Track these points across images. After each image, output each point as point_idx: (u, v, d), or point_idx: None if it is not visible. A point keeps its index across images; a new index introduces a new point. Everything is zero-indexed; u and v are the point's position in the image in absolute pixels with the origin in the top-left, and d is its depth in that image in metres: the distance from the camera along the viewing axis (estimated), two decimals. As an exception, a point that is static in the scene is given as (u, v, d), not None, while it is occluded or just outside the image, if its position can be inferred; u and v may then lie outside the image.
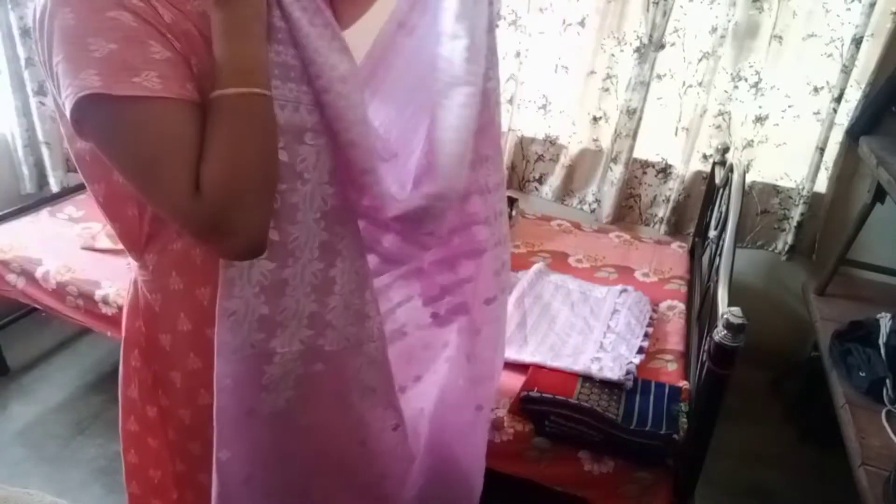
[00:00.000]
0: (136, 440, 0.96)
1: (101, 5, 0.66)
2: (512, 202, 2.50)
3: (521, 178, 2.82)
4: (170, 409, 0.91)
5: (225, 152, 0.69)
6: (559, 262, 2.32)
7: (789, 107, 2.39)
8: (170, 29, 0.71)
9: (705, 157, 2.54)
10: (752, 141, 2.47)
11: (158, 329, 0.87)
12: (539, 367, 1.64)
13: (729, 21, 2.30)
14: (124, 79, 0.65)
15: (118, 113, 0.66)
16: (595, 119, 2.62)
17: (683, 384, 1.62)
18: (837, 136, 2.33)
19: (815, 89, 2.33)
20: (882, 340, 1.87)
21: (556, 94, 2.65)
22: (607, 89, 2.56)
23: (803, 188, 2.41)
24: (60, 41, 0.66)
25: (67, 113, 0.67)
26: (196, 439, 0.92)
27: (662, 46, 2.41)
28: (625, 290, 2.06)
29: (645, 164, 2.64)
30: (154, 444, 0.95)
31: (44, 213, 2.30)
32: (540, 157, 2.76)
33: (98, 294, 1.88)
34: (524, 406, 1.52)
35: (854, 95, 2.27)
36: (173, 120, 0.68)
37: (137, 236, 0.84)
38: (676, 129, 2.53)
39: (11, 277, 2.00)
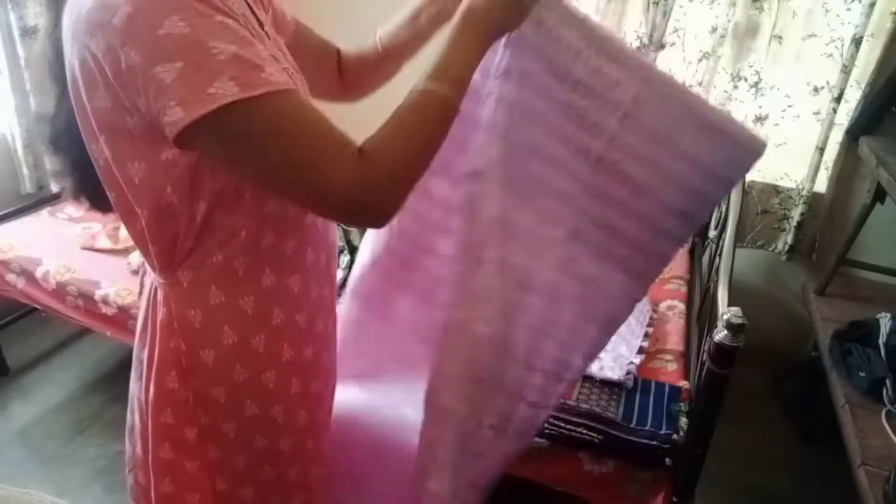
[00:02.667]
0: (172, 467, 0.91)
1: (206, 10, 0.66)
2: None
3: (521, 178, 2.81)
4: (211, 426, 0.88)
5: (410, 135, 0.74)
6: (559, 262, 2.31)
7: (789, 107, 2.39)
8: (246, 22, 0.72)
9: (705, 157, 2.54)
10: (752, 141, 2.47)
11: (200, 345, 0.84)
12: (539, 367, 1.64)
13: (729, 21, 2.30)
14: (255, 77, 0.65)
15: (258, 112, 0.66)
16: (595, 119, 2.61)
17: (683, 384, 1.62)
18: (837, 136, 2.33)
19: (815, 89, 2.33)
20: (882, 340, 1.87)
21: (556, 94, 2.65)
22: (607, 89, 2.56)
23: (803, 188, 2.40)
24: (174, 48, 0.64)
25: (180, 121, 0.65)
26: (240, 452, 0.91)
27: (662, 46, 2.41)
28: (625, 290, 2.06)
29: (645, 164, 2.63)
30: (192, 469, 0.91)
31: (44, 213, 2.30)
32: (540, 157, 2.76)
33: (98, 294, 1.88)
34: (523, 408, 1.52)
35: (854, 95, 2.27)
36: (303, 104, 0.70)
37: (176, 254, 0.81)
38: (676, 129, 2.53)
39: (11, 277, 2.00)
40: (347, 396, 1.10)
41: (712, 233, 2.09)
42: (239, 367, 0.85)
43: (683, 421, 1.48)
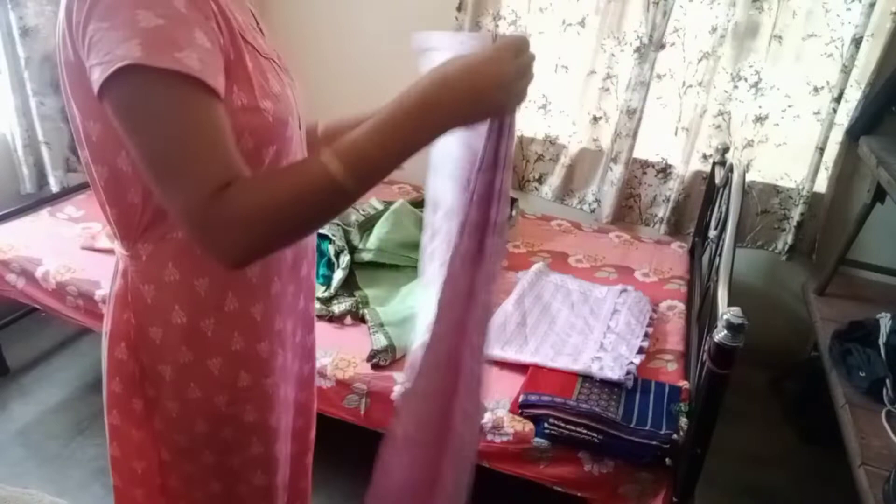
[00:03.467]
0: (119, 433, 0.94)
1: None
2: (512, 202, 2.50)
3: (521, 177, 2.82)
4: (156, 399, 0.89)
5: (285, 197, 0.67)
6: (559, 262, 2.32)
7: (789, 107, 2.39)
8: (219, 15, 0.71)
9: (705, 157, 2.54)
10: (752, 141, 2.47)
11: (149, 321, 0.84)
12: (539, 368, 1.64)
13: (729, 21, 2.30)
14: (167, 52, 0.63)
15: (155, 86, 0.64)
16: (595, 119, 2.62)
17: (683, 384, 1.62)
18: (837, 136, 2.33)
19: (815, 89, 2.33)
20: (882, 340, 1.87)
21: (556, 94, 2.65)
22: (607, 89, 2.56)
23: (803, 188, 2.41)
24: (107, 9, 0.64)
25: (97, 81, 0.65)
26: (183, 432, 0.91)
27: (662, 46, 2.41)
28: (625, 290, 2.06)
29: (645, 164, 2.64)
30: (137, 436, 0.93)
31: (44, 213, 2.30)
32: (540, 157, 2.76)
33: (98, 294, 1.88)
34: (522, 411, 1.52)
35: (854, 95, 2.27)
36: (209, 107, 0.67)
37: (135, 224, 0.81)
38: (676, 129, 2.53)
39: (11, 277, 2.00)
40: None
41: (712, 233, 2.09)
42: (185, 349, 0.85)
43: (683, 421, 1.49)
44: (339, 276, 1.92)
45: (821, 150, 2.32)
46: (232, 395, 0.89)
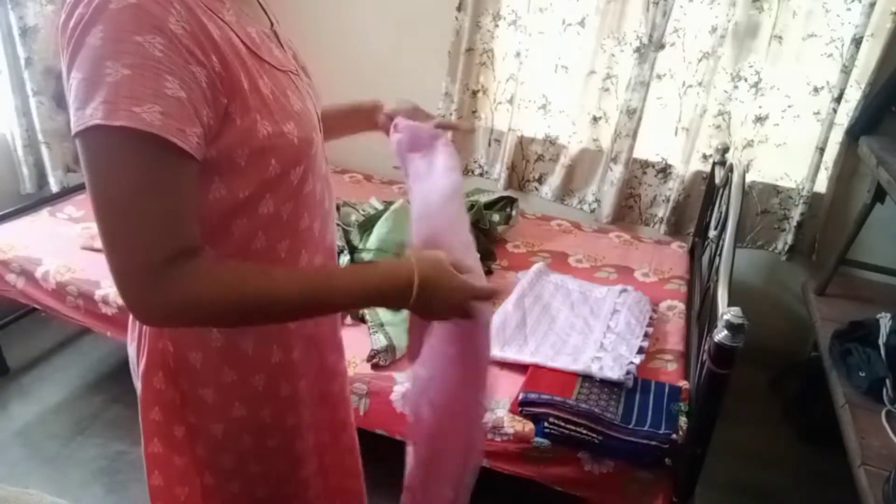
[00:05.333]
0: (160, 461, 0.93)
1: (132, 28, 0.63)
2: (512, 202, 2.50)
3: (520, 177, 2.82)
4: (199, 425, 0.89)
5: (236, 295, 0.71)
6: (559, 261, 2.32)
7: (789, 107, 2.39)
8: (215, 47, 0.69)
9: (705, 157, 2.54)
10: (752, 141, 2.47)
11: (188, 347, 0.84)
12: (539, 367, 1.64)
13: (729, 21, 2.30)
14: (125, 107, 0.62)
15: (111, 142, 0.64)
16: (595, 119, 2.62)
17: (683, 384, 1.62)
18: (837, 136, 2.33)
19: (815, 89, 2.33)
20: (882, 340, 1.87)
21: (556, 94, 2.65)
22: (607, 89, 2.56)
23: (803, 188, 2.41)
24: (83, 59, 0.64)
25: (73, 131, 0.66)
26: (228, 452, 0.91)
27: (662, 46, 2.41)
28: (625, 290, 2.06)
29: (645, 164, 2.64)
30: (180, 462, 0.92)
31: (44, 213, 2.30)
32: (540, 157, 2.76)
33: (98, 294, 1.88)
34: (522, 409, 1.52)
35: (854, 95, 2.27)
36: (169, 168, 0.66)
37: None
38: (676, 129, 2.53)
39: (11, 277, 2.00)
40: None
41: (712, 233, 2.09)
42: (227, 369, 0.86)
43: (683, 421, 1.49)
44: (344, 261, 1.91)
45: (821, 150, 2.32)
46: (276, 406, 0.91)
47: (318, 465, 1.03)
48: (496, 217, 2.41)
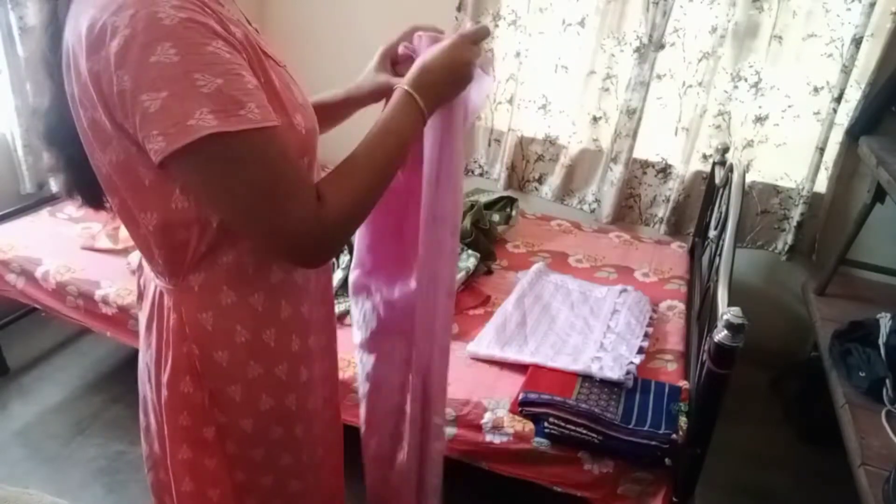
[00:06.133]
0: (191, 466, 0.93)
1: (200, 39, 0.66)
2: (512, 202, 2.50)
3: (520, 177, 2.82)
4: (229, 423, 0.90)
5: (368, 174, 0.80)
6: (559, 261, 2.32)
7: (789, 107, 2.39)
8: (245, 41, 0.73)
9: (705, 157, 2.54)
10: (752, 141, 2.47)
11: (213, 347, 0.85)
12: (539, 367, 1.64)
13: (729, 21, 2.30)
14: (234, 113, 0.67)
15: (232, 147, 0.68)
16: (595, 119, 2.62)
17: (683, 384, 1.62)
18: (837, 136, 2.33)
19: (815, 89, 2.33)
20: (882, 340, 1.87)
21: (556, 94, 2.65)
22: (607, 89, 2.56)
23: (803, 188, 2.41)
24: (161, 77, 0.65)
25: (161, 151, 0.66)
26: (259, 446, 0.93)
27: (662, 46, 2.41)
28: (625, 290, 2.06)
29: (645, 164, 2.64)
30: (211, 465, 0.93)
31: (44, 213, 2.30)
32: (540, 157, 2.76)
33: (98, 294, 1.88)
34: (522, 409, 1.52)
35: (854, 95, 2.27)
36: (281, 144, 0.72)
37: (187, 259, 0.82)
38: (676, 129, 2.53)
39: (11, 277, 2.00)
40: None
41: (712, 233, 2.09)
42: (253, 364, 0.87)
43: (683, 421, 1.49)
44: (338, 276, 1.91)
45: (821, 150, 2.32)
46: (298, 393, 0.94)
47: (324, 449, 1.07)
48: (496, 217, 2.41)
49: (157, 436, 0.96)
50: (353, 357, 1.65)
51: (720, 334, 1.23)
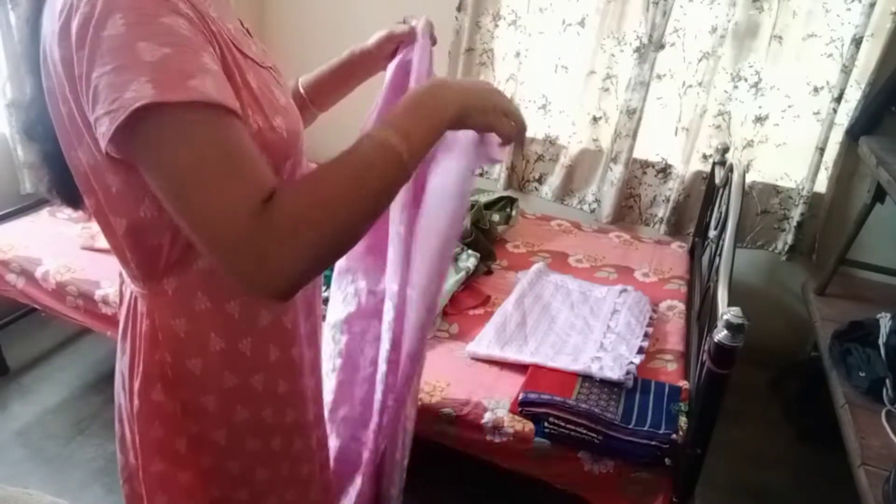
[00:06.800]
0: (164, 480, 0.88)
1: (154, 11, 0.61)
2: (512, 202, 2.50)
3: (520, 178, 2.82)
4: (201, 434, 0.86)
5: (330, 190, 0.64)
6: (559, 262, 2.32)
7: (789, 107, 2.39)
8: (214, 36, 0.68)
9: (705, 157, 2.54)
10: (752, 141, 2.47)
11: (186, 355, 0.82)
12: (539, 367, 1.64)
13: (729, 21, 2.30)
14: (179, 83, 0.59)
15: (173, 120, 0.60)
16: (595, 119, 2.62)
17: (683, 384, 1.62)
18: (837, 136, 2.34)
19: (815, 89, 2.33)
20: (882, 340, 1.87)
21: (555, 94, 2.65)
22: (607, 89, 2.56)
23: (803, 188, 2.41)
24: (108, 50, 0.59)
25: (107, 132, 0.60)
26: (234, 458, 0.90)
27: (662, 46, 2.41)
28: (625, 290, 2.06)
29: (645, 164, 2.64)
30: (185, 479, 0.89)
31: (44, 213, 2.30)
32: (540, 157, 2.76)
33: (98, 294, 1.88)
34: (522, 409, 1.52)
35: (854, 95, 2.27)
36: (233, 129, 0.64)
37: (161, 264, 0.78)
38: (676, 129, 2.53)
39: (11, 277, 2.00)
40: None
41: (712, 233, 2.09)
42: (227, 374, 0.84)
43: (683, 421, 1.49)
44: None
45: (821, 150, 2.32)
46: (275, 405, 0.90)
47: (320, 461, 1.04)
48: (496, 217, 2.41)
49: (131, 446, 0.91)
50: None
51: (720, 334, 1.23)
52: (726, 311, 1.25)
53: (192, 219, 0.62)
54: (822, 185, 2.42)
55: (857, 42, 2.16)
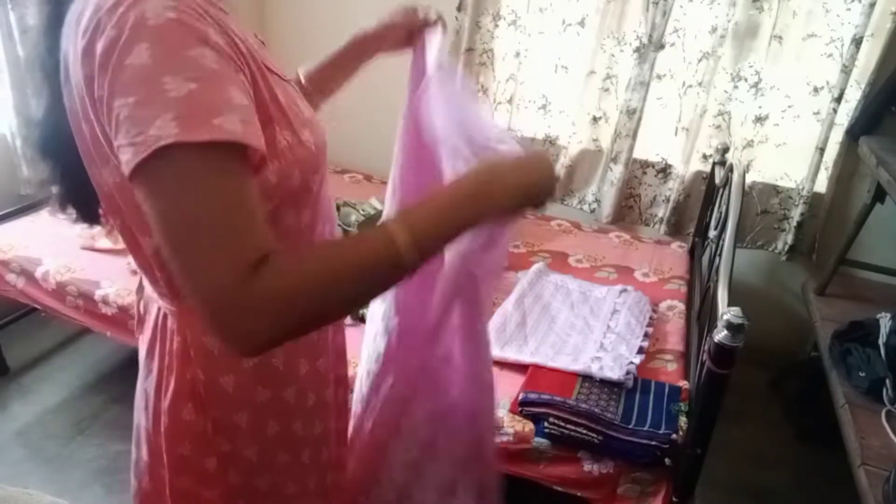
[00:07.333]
0: (188, 497, 0.88)
1: (181, 42, 0.60)
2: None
3: (521, 178, 2.81)
4: (232, 452, 0.85)
5: (322, 276, 0.63)
6: (559, 262, 2.32)
7: (789, 107, 2.39)
8: (244, 58, 0.67)
9: (705, 157, 2.54)
10: (752, 141, 2.47)
11: (219, 372, 0.81)
12: (539, 367, 1.64)
13: (729, 21, 2.30)
14: (204, 121, 0.58)
15: (192, 160, 0.59)
16: (595, 119, 2.62)
17: (683, 384, 1.62)
18: (837, 136, 2.33)
19: (815, 89, 2.33)
20: (882, 340, 1.87)
21: (556, 94, 2.65)
22: (607, 89, 2.56)
23: (803, 188, 2.41)
24: (131, 81, 0.58)
25: (128, 163, 0.59)
26: (263, 473, 0.89)
27: (662, 46, 2.41)
28: (625, 290, 2.06)
29: (645, 164, 2.64)
30: (208, 496, 0.88)
31: (44, 213, 2.29)
32: (540, 157, 2.76)
33: (98, 294, 1.88)
34: (522, 409, 1.52)
35: (854, 95, 2.27)
36: (243, 177, 0.62)
37: None
38: (676, 129, 2.53)
39: (11, 277, 2.00)
40: None
41: (712, 233, 2.09)
42: (261, 389, 0.84)
43: (683, 421, 1.49)
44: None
45: (821, 150, 2.32)
46: (305, 418, 0.90)
47: (342, 472, 1.04)
48: (496, 217, 2.40)
49: (146, 470, 0.90)
50: (353, 357, 1.66)
51: (720, 334, 1.23)
52: (726, 311, 1.25)
53: (180, 265, 0.61)
54: (822, 185, 2.42)
55: (857, 42, 2.16)
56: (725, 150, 2.37)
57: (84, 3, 0.63)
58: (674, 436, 1.43)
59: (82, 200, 0.80)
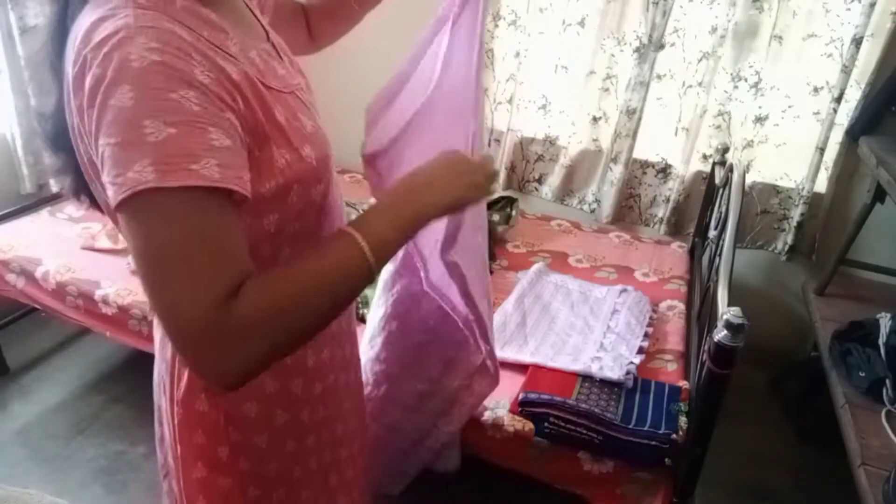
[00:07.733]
0: (204, 485, 0.90)
1: (164, 85, 0.61)
2: (512, 202, 2.50)
3: (520, 178, 2.82)
4: (242, 441, 0.88)
5: (294, 297, 0.65)
6: (559, 262, 2.32)
7: (789, 107, 2.39)
8: (237, 88, 0.68)
9: (705, 157, 2.54)
10: (752, 141, 2.47)
11: None
12: (539, 367, 1.64)
13: (729, 21, 2.30)
14: (181, 167, 0.60)
15: (169, 202, 0.60)
16: (595, 119, 2.62)
17: (683, 384, 1.62)
18: (837, 136, 2.33)
19: (815, 89, 2.33)
20: (882, 340, 1.87)
21: (555, 94, 2.65)
22: (607, 89, 2.56)
23: (803, 188, 2.41)
24: (113, 122, 0.60)
25: (112, 200, 0.61)
26: (273, 460, 0.92)
27: (662, 46, 2.41)
28: (625, 290, 2.06)
29: (645, 164, 2.64)
30: (224, 483, 0.91)
31: (44, 213, 2.30)
32: (540, 158, 2.76)
33: (98, 294, 1.88)
34: (522, 409, 1.52)
35: (854, 95, 2.27)
36: (227, 216, 0.64)
37: None
38: (676, 129, 2.53)
39: (11, 277, 2.00)
40: None
41: (712, 233, 2.09)
42: (269, 380, 0.87)
43: (683, 421, 1.49)
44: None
45: (821, 150, 2.32)
46: (311, 406, 0.93)
47: (347, 455, 1.06)
48: (496, 217, 2.41)
49: (170, 448, 0.94)
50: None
51: (720, 334, 1.23)
52: (726, 311, 1.25)
53: (156, 297, 0.63)
54: (822, 185, 2.42)
55: (857, 42, 2.16)
56: (725, 150, 2.37)
57: (78, 26, 0.65)
58: (674, 436, 1.43)
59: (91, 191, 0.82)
